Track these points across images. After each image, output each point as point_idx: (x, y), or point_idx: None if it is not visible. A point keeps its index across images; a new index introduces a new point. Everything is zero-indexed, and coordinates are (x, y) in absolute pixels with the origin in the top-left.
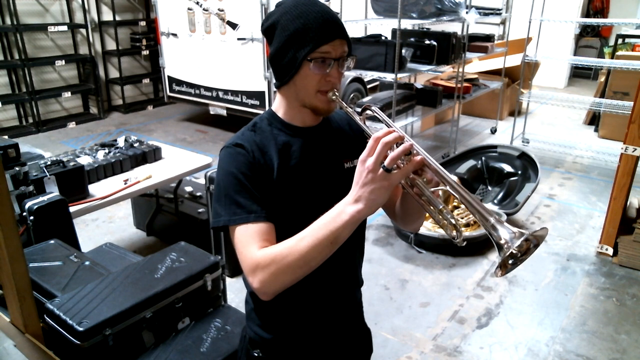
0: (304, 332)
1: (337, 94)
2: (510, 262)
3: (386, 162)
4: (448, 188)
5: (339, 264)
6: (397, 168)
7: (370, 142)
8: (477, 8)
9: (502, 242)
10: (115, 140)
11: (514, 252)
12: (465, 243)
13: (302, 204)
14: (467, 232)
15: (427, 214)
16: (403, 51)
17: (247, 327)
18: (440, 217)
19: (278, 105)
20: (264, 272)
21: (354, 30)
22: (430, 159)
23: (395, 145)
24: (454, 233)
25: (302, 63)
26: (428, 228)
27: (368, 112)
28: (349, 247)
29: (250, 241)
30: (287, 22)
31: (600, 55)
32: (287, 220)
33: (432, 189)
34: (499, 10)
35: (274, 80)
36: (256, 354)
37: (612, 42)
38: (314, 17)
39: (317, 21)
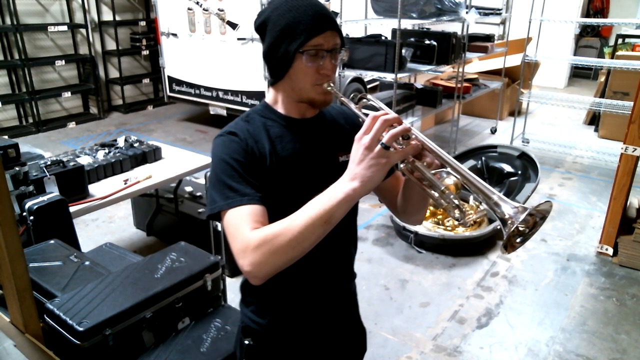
0: (298, 319)
1: (332, 84)
2: (518, 240)
3: (385, 139)
4: (449, 169)
5: (333, 256)
6: (395, 149)
7: (367, 121)
8: (477, 8)
9: (507, 217)
10: (115, 140)
11: (520, 228)
12: (470, 224)
13: (294, 195)
14: (467, 233)
15: (428, 214)
16: (403, 51)
17: (242, 314)
18: (443, 199)
19: (272, 99)
20: (255, 253)
21: (354, 30)
22: (430, 142)
23: (392, 127)
24: (458, 214)
25: (295, 56)
26: (428, 228)
27: (364, 101)
28: (342, 238)
29: (242, 223)
30: (278, 17)
31: (600, 55)
32: (280, 211)
33: (433, 171)
34: (499, 10)
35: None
36: (247, 342)
37: (612, 42)
38: (305, 10)
39: (308, 14)
